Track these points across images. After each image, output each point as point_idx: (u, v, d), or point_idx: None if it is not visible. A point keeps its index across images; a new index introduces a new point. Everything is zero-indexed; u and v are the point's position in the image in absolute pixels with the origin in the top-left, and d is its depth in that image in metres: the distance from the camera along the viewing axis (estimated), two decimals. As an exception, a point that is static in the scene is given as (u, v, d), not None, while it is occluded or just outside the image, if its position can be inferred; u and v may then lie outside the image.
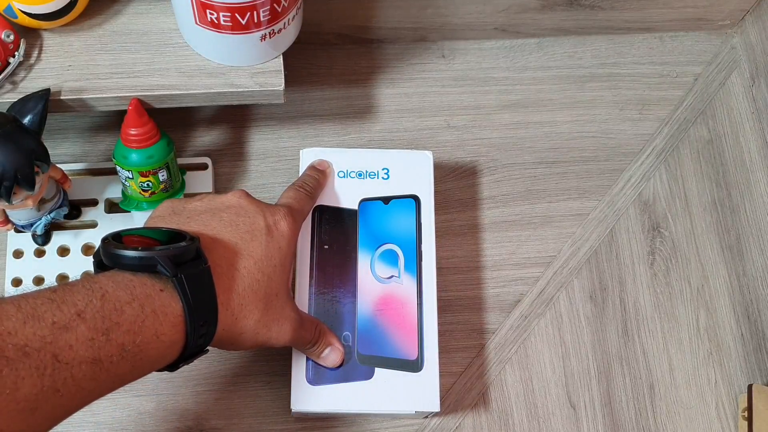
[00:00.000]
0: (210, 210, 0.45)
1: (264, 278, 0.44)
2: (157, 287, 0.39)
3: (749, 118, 0.68)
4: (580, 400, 0.59)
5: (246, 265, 0.43)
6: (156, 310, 0.38)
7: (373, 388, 0.50)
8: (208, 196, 0.47)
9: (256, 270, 0.43)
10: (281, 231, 0.46)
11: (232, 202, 0.46)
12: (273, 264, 0.45)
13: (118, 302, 0.37)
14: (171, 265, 0.38)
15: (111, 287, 0.37)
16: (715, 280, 0.63)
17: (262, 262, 0.44)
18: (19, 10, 0.48)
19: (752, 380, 0.61)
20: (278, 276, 0.45)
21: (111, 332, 0.36)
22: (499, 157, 0.66)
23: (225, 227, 0.44)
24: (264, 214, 0.46)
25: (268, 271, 0.44)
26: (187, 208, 0.46)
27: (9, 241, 0.57)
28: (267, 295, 0.44)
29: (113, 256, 0.39)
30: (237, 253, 0.43)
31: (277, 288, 0.45)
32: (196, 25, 0.49)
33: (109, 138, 0.62)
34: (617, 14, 0.68)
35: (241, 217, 0.45)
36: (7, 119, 0.46)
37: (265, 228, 0.45)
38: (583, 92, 0.69)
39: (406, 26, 0.66)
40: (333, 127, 0.65)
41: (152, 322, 0.37)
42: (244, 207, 0.46)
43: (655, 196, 0.65)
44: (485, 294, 0.61)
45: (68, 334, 0.34)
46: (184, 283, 0.39)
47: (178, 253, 0.39)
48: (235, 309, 0.42)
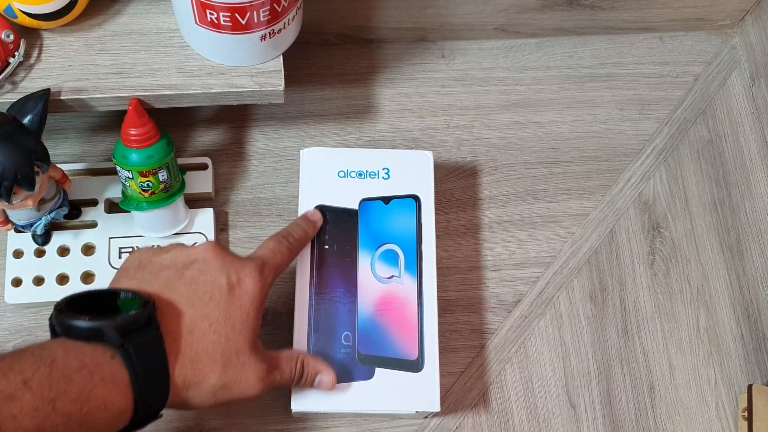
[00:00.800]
0: (174, 266, 0.45)
1: (221, 339, 0.43)
2: (107, 354, 0.38)
3: (749, 118, 0.68)
4: (580, 400, 0.59)
5: (201, 328, 0.42)
6: (105, 378, 0.38)
7: (373, 388, 0.50)
8: (176, 248, 0.46)
9: (211, 332, 0.43)
10: (245, 289, 0.45)
11: (198, 256, 0.45)
12: (232, 324, 0.43)
13: (66, 370, 0.36)
14: (117, 336, 0.38)
15: (61, 354, 0.37)
16: (715, 280, 0.63)
17: (218, 324, 0.43)
18: (19, 10, 0.48)
19: (752, 380, 0.61)
20: (238, 335, 0.44)
21: (57, 401, 0.35)
22: (499, 157, 0.66)
23: (185, 286, 0.44)
24: (228, 271, 0.45)
25: (225, 332, 0.43)
26: (153, 262, 0.45)
27: (9, 241, 0.57)
28: (224, 356, 0.43)
29: (63, 326, 0.39)
30: (193, 315, 0.43)
31: (237, 347, 0.44)
32: (196, 25, 0.49)
33: (109, 138, 0.62)
34: (617, 14, 0.68)
35: (202, 275, 0.44)
36: (7, 119, 0.46)
37: (227, 286, 0.44)
38: (583, 92, 0.69)
39: (406, 26, 0.66)
40: (333, 127, 0.65)
41: (101, 391, 0.37)
42: (208, 263, 0.45)
43: (655, 196, 0.65)
44: (485, 294, 0.61)
45: (12, 404, 0.34)
46: (131, 352, 0.39)
47: (127, 322, 0.39)
48: (188, 375, 0.41)
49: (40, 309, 0.57)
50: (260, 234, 0.61)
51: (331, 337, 0.51)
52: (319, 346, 0.51)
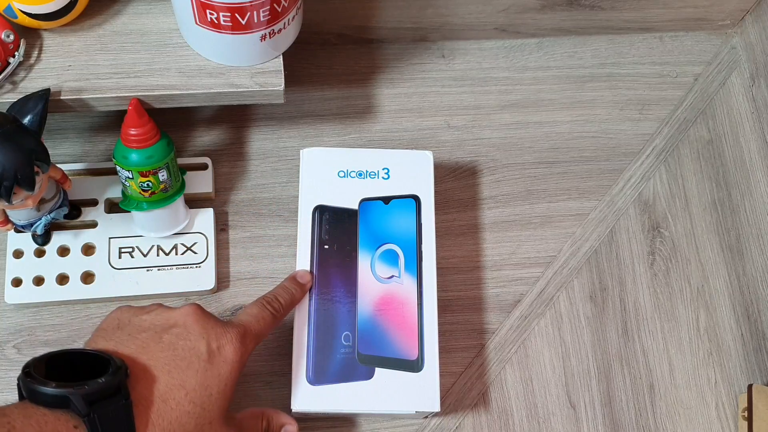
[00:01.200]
0: (153, 328, 0.44)
1: (196, 409, 0.42)
2: (71, 424, 0.37)
3: (749, 118, 0.68)
4: (580, 400, 0.59)
5: (176, 397, 0.41)
6: None
7: (373, 388, 0.50)
8: (157, 310, 0.46)
9: (187, 402, 0.42)
10: (224, 357, 0.44)
11: (178, 320, 0.44)
12: (209, 393, 0.43)
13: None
14: (83, 404, 0.37)
15: (20, 422, 0.36)
16: (715, 280, 0.63)
17: (195, 392, 0.42)
18: (19, 10, 0.48)
19: (752, 380, 0.61)
20: (213, 405, 0.43)
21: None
22: (499, 157, 0.66)
23: (162, 351, 0.43)
24: (208, 337, 0.44)
25: (201, 401, 0.42)
26: (132, 323, 0.44)
27: (9, 241, 0.57)
28: (198, 426, 0.42)
29: (27, 390, 0.38)
30: (168, 383, 0.41)
31: (211, 417, 0.43)
32: (196, 25, 0.49)
33: (109, 138, 0.62)
34: (617, 14, 0.68)
35: (181, 340, 0.43)
36: (7, 119, 0.46)
37: (206, 354, 0.43)
38: (583, 92, 0.69)
39: (406, 26, 0.66)
40: (333, 127, 0.65)
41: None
42: (188, 328, 0.44)
43: (655, 196, 0.65)
44: (485, 294, 0.61)
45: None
46: (96, 423, 0.37)
47: (93, 390, 0.38)
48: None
49: (40, 309, 0.57)
50: (260, 234, 0.61)
51: (331, 337, 0.51)
52: (319, 346, 0.51)
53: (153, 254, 0.58)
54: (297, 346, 0.51)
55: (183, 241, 0.59)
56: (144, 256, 0.58)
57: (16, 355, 0.56)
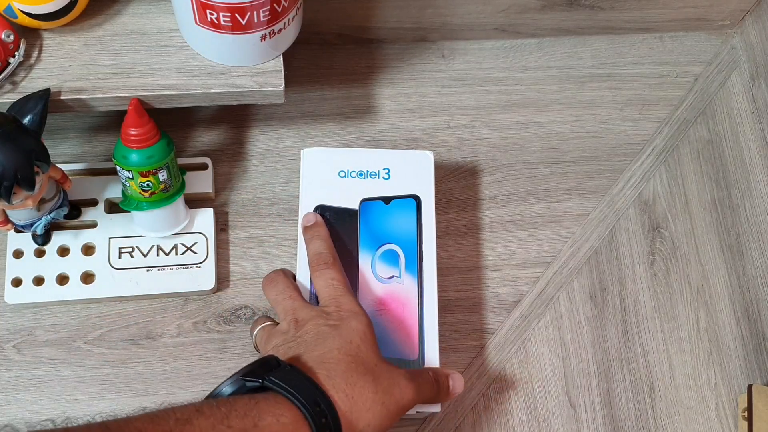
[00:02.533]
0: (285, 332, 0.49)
1: (355, 359, 0.45)
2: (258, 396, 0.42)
3: (749, 118, 0.68)
4: (580, 400, 0.59)
5: (331, 358, 0.45)
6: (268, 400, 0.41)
7: (373, 388, 0.50)
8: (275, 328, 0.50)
9: (342, 356, 0.45)
10: (344, 320, 0.47)
11: (289, 330, 0.49)
12: (355, 344, 0.46)
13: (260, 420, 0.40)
14: (253, 376, 0.42)
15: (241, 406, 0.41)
16: (715, 280, 0.63)
17: (343, 349, 0.46)
18: (19, 10, 0.48)
19: (752, 380, 0.61)
20: (366, 351, 0.46)
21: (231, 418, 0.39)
22: (499, 157, 0.66)
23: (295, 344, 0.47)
24: (318, 323, 0.48)
25: (354, 352, 0.46)
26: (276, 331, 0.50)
27: (9, 241, 0.57)
28: (368, 368, 0.45)
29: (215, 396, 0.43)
30: (314, 356, 0.45)
31: (373, 360, 0.46)
32: (196, 25, 0.49)
33: (109, 138, 0.62)
34: (617, 14, 0.68)
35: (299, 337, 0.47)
36: (7, 119, 0.46)
37: (327, 327, 0.47)
38: (583, 92, 0.69)
39: (406, 26, 0.66)
40: (333, 127, 0.65)
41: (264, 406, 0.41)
42: (299, 322, 0.48)
43: (655, 196, 0.65)
44: (485, 294, 0.61)
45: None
46: (275, 380, 0.42)
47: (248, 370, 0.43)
48: (347, 390, 0.44)
49: (40, 309, 0.57)
50: (260, 234, 0.61)
51: (332, 337, 0.51)
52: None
53: (153, 254, 0.58)
54: (297, 346, 0.51)
55: (183, 241, 0.59)
56: (144, 256, 0.58)
57: (16, 355, 0.56)
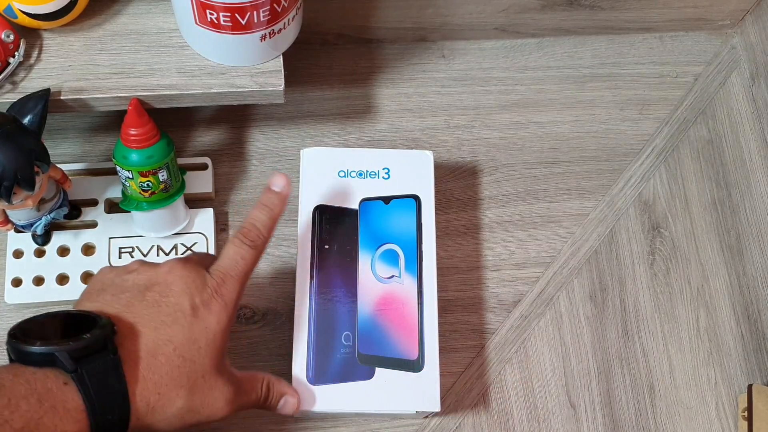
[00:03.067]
0: (137, 287, 0.44)
1: (186, 363, 0.42)
2: (60, 380, 0.37)
3: (749, 118, 0.68)
4: (580, 400, 0.59)
5: (165, 352, 0.41)
6: (56, 406, 0.36)
7: (373, 388, 0.50)
8: (141, 268, 0.45)
9: (175, 356, 0.41)
10: (209, 309, 0.43)
11: (159, 278, 0.44)
12: (197, 347, 0.42)
13: (14, 397, 0.35)
14: (69, 361, 0.37)
15: (9, 381, 0.36)
16: (715, 280, 0.63)
17: (183, 346, 0.42)
18: (19, 10, 0.48)
19: (752, 380, 0.61)
20: (204, 358, 0.42)
21: (1, 429, 0.34)
22: (499, 157, 0.66)
23: (146, 308, 0.42)
24: (191, 293, 0.43)
25: (190, 355, 0.42)
26: (114, 283, 0.44)
27: (9, 241, 0.57)
28: (190, 380, 0.42)
29: (15, 351, 0.38)
30: (155, 339, 0.41)
31: (203, 369, 0.42)
32: (196, 25, 0.49)
33: (109, 138, 0.62)
34: (617, 14, 0.68)
35: (164, 297, 0.43)
36: (7, 119, 0.46)
37: (190, 309, 0.43)
38: (583, 92, 0.69)
39: (406, 26, 0.66)
40: (333, 127, 0.65)
41: (51, 418, 0.36)
42: (170, 285, 0.43)
43: (655, 196, 0.65)
44: (485, 294, 0.61)
45: None
46: (85, 378, 0.37)
47: (79, 347, 0.38)
48: (152, 399, 0.40)
49: (40, 309, 0.57)
50: (260, 234, 0.61)
51: (331, 337, 0.51)
52: (319, 346, 0.51)
53: (153, 254, 0.58)
54: (297, 346, 0.51)
55: (183, 241, 0.59)
56: (144, 256, 0.58)
57: (16, 355, 0.56)
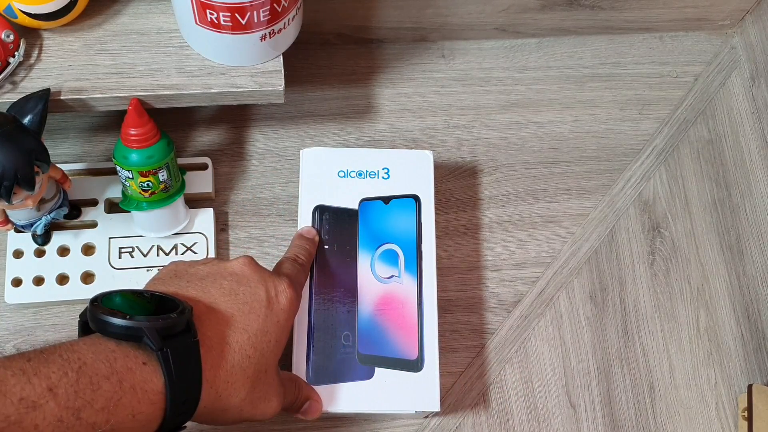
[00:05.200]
0: (211, 275, 0.44)
1: (256, 354, 0.42)
2: (140, 360, 0.37)
3: (749, 118, 0.68)
4: (580, 400, 0.59)
5: (239, 340, 0.41)
6: (135, 386, 0.36)
7: (373, 388, 0.50)
8: (212, 261, 0.46)
9: (248, 346, 0.42)
10: (282, 304, 0.44)
11: (235, 269, 0.45)
12: (268, 339, 0.43)
13: (95, 376, 0.35)
14: (157, 339, 0.37)
15: (90, 358, 0.36)
16: (715, 280, 0.63)
17: (256, 338, 0.42)
18: (19, 10, 0.48)
19: (752, 380, 0.61)
20: (271, 352, 0.43)
21: (83, 411, 0.34)
22: (499, 157, 0.66)
23: (223, 296, 0.43)
24: (266, 284, 0.44)
25: (261, 347, 0.42)
26: (189, 272, 0.44)
27: (9, 241, 0.57)
28: (256, 372, 0.42)
29: (99, 322, 0.38)
30: (232, 325, 0.41)
31: (268, 364, 0.43)
32: (196, 25, 0.49)
33: (109, 138, 0.62)
34: (617, 14, 0.68)
35: (242, 286, 0.43)
36: (7, 119, 0.46)
37: (266, 300, 0.43)
38: (583, 92, 0.69)
39: (406, 26, 0.66)
40: (333, 127, 0.65)
41: (129, 400, 0.36)
42: (246, 276, 0.44)
43: (655, 196, 0.65)
44: (485, 294, 0.61)
45: (35, 413, 0.32)
46: (170, 358, 0.37)
47: (167, 325, 0.37)
48: (221, 387, 0.40)
49: (40, 309, 0.57)
50: (260, 234, 0.61)
51: (331, 337, 0.51)
52: (319, 346, 0.51)
53: (153, 254, 0.58)
54: (297, 346, 0.51)
55: (183, 241, 0.59)
56: (144, 256, 0.58)
57: (16, 355, 0.56)
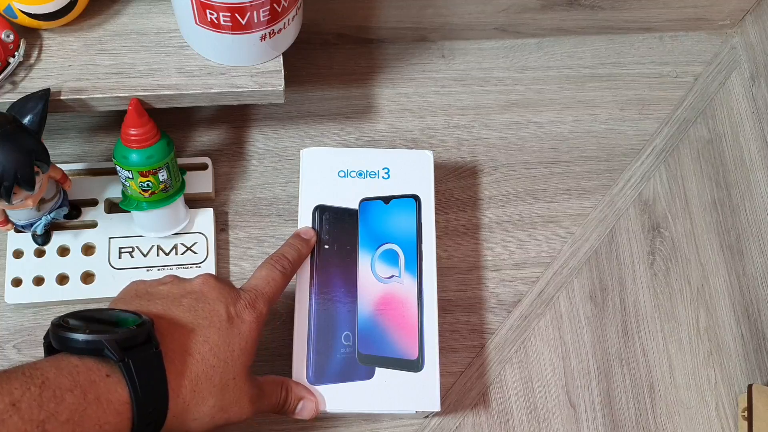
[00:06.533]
0: (171, 295, 0.45)
1: (220, 363, 0.43)
2: (102, 372, 0.38)
3: (749, 118, 0.68)
4: (580, 400, 0.59)
5: (201, 351, 0.42)
6: (100, 398, 0.37)
7: (373, 388, 0.50)
8: (173, 281, 0.47)
9: (211, 356, 0.43)
10: (244, 320, 0.45)
11: (194, 288, 0.46)
12: (231, 349, 0.44)
13: (58, 390, 0.36)
14: (118, 350, 0.38)
15: (52, 374, 0.36)
16: (715, 280, 0.63)
17: (218, 348, 0.43)
18: (19, 10, 0.48)
19: (752, 380, 0.61)
20: (236, 360, 0.44)
21: (47, 423, 0.34)
22: (499, 157, 0.66)
23: (184, 312, 0.44)
24: (226, 302, 0.45)
25: (224, 356, 0.43)
26: (150, 292, 0.45)
27: (9, 241, 0.57)
28: (223, 380, 0.43)
29: (60, 339, 0.38)
30: (193, 337, 0.42)
31: (235, 371, 0.44)
32: (196, 25, 0.49)
33: (109, 138, 0.62)
34: (617, 14, 0.68)
35: (200, 303, 0.44)
36: (7, 119, 0.46)
37: (226, 317, 0.44)
38: (583, 92, 0.69)
39: (406, 26, 0.66)
40: (333, 127, 0.65)
41: (95, 410, 0.36)
42: (205, 294, 0.45)
43: (655, 196, 0.65)
44: (485, 294, 0.61)
45: (0, 428, 0.33)
46: (131, 367, 0.38)
47: (127, 336, 0.38)
48: (187, 396, 0.41)
49: (40, 309, 0.57)
50: (260, 234, 0.61)
51: (331, 337, 0.51)
52: (319, 346, 0.51)
53: (153, 254, 0.58)
54: (297, 346, 0.51)
55: (183, 241, 0.59)
56: (144, 256, 0.58)
57: (16, 355, 0.56)
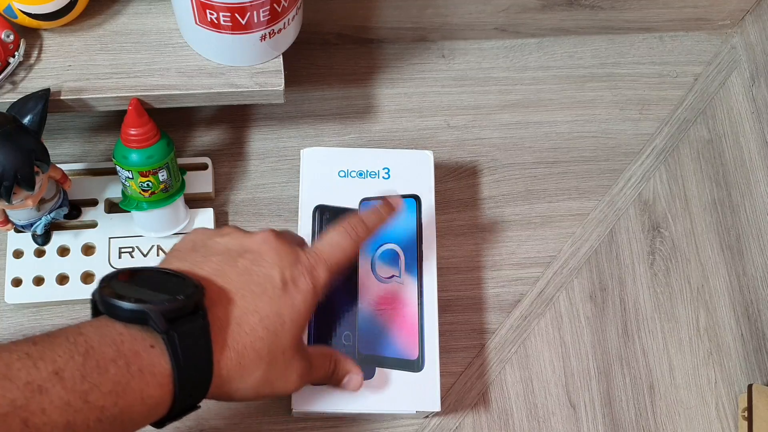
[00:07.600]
0: (229, 252, 0.43)
1: (269, 335, 0.41)
2: (147, 343, 0.36)
3: (749, 118, 0.68)
4: (580, 400, 0.59)
5: (250, 322, 0.40)
6: (143, 370, 0.36)
7: (373, 388, 0.50)
8: (233, 233, 0.45)
9: (261, 327, 0.41)
10: (298, 287, 0.43)
11: (254, 246, 0.43)
12: (282, 321, 0.42)
13: (102, 360, 0.35)
14: (163, 321, 0.36)
15: (96, 342, 0.35)
16: (715, 280, 0.63)
17: (268, 319, 0.41)
18: (19, 10, 0.48)
19: (752, 380, 0.61)
20: (286, 333, 0.42)
21: (90, 394, 0.34)
22: (499, 157, 0.66)
23: (237, 276, 0.42)
24: (281, 266, 0.43)
25: (274, 328, 0.41)
26: (206, 245, 0.44)
27: (9, 241, 0.57)
28: (271, 353, 0.41)
29: (106, 304, 0.37)
30: (243, 307, 0.41)
31: (284, 345, 0.42)
32: (196, 25, 0.49)
33: (109, 138, 0.62)
34: (617, 14, 0.68)
35: (256, 266, 0.42)
36: (7, 119, 0.46)
37: (280, 282, 0.42)
38: (583, 92, 0.69)
39: (406, 26, 0.66)
40: (333, 127, 0.65)
41: (138, 383, 0.35)
42: (263, 255, 0.43)
43: (655, 196, 0.65)
44: (485, 294, 0.61)
45: (42, 397, 0.32)
46: (176, 341, 0.36)
47: (173, 308, 0.37)
48: (232, 368, 0.40)
49: (40, 309, 0.57)
50: (260, 234, 0.61)
51: (332, 337, 0.51)
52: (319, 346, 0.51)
53: (153, 254, 0.58)
54: (297, 346, 0.51)
55: (183, 241, 0.59)
56: (144, 256, 0.58)
57: (16, 355, 0.56)
